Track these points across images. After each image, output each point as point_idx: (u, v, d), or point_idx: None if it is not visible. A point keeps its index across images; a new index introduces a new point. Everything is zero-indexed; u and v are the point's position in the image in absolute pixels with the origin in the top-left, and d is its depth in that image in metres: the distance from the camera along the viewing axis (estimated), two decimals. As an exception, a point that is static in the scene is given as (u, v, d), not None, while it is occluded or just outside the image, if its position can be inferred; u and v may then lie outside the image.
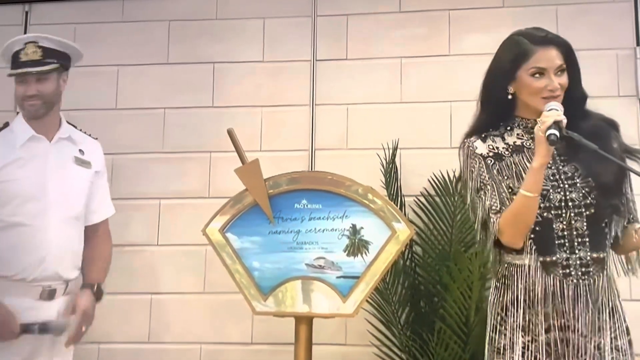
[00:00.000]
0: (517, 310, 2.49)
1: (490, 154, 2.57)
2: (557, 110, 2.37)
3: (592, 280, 2.44)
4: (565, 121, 2.34)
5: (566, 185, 2.48)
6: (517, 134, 2.60)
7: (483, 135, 2.62)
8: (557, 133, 2.29)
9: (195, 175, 4.32)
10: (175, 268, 4.23)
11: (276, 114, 4.32)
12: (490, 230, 2.49)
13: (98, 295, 3.34)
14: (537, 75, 2.49)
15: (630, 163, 2.56)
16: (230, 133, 3.33)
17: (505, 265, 2.55)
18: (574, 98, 2.54)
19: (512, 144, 2.58)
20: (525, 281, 2.48)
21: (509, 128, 2.62)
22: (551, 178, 2.48)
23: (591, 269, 2.44)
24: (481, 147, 2.59)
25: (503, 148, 2.58)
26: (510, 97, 2.56)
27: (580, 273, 2.43)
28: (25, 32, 4.52)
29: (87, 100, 4.37)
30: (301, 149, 4.25)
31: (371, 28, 4.34)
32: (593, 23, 4.14)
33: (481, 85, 2.65)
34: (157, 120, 4.41)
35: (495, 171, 2.54)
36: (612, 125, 2.60)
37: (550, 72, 2.49)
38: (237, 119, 4.20)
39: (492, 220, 2.48)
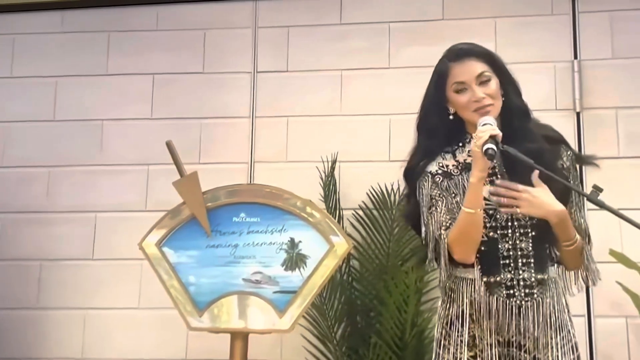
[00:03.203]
0: (462, 325, 2.46)
1: (439, 171, 2.53)
2: (490, 124, 2.34)
3: (536, 303, 2.41)
4: (500, 135, 2.31)
5: None
6: (468, 151, 2.53)
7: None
8: (495, 147, 2.27)
9: (132, 187, 4.27)
10: (110, 283, 4.16)
11: (216, 126, 4.29)
12: (442, 246, 2.45)
13: None
14: (459, 90, 2.47)
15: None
16: (169, 145, 3.29)
17: (453, 279, 2.52)
18: (512, 110, 2.49)
19: (462, 161, 2.53)
20: (471, 295, 2.45)
21: (461, 145, 2.57)
22: None
23: (535, 291, 2.42)
24: (431, 165, 2.55)
25: (453, 166, 2.54)
26: (452, 117, 2.52)
27: (523, 294, 2.41)
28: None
29: (26, 112, 4.31)
30: (240, 161, 4.22)
31: (312, 40, 4.34)
32: (531, 36, 4.17)
33: (421, 114, 2.61)
34: (95, 132, 4.35)
35: (444, 188, 2.51)
36: (558, 141, 2.56)
37: (471, 84, 2.44)
38: (176, 131, 4.18)
39: (442, 236, 2.44)
